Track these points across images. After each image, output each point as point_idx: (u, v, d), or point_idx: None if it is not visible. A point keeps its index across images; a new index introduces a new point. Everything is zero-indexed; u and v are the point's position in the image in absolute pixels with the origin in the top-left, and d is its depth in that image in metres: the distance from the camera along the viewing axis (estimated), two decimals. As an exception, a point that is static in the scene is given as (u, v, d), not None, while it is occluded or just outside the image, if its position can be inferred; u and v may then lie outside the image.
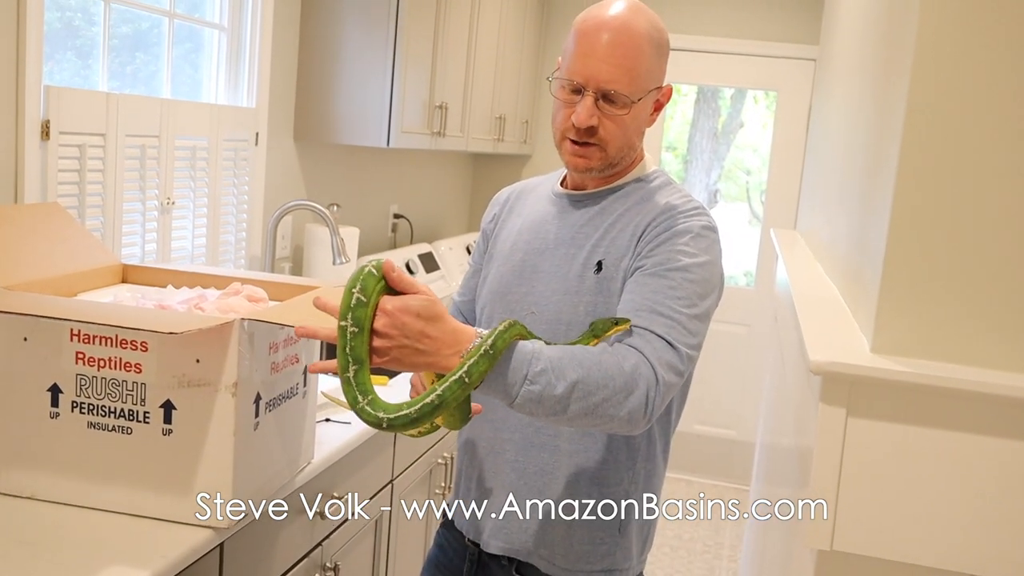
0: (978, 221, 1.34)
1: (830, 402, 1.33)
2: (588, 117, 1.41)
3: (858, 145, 1.90)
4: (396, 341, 1.19)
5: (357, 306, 1.18)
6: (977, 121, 1.33)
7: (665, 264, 1.37)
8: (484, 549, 1.56)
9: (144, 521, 1.50)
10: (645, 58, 1.41)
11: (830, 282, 2.06)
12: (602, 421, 1.25)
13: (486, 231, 1.67)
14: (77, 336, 1.49)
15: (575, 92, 1.42)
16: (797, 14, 4.56)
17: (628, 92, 1.40)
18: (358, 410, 1.18)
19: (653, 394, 1.26)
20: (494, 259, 1.60)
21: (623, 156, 1.47)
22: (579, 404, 1.23)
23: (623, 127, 1.43)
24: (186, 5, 2.54)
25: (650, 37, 1.41)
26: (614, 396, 1.23)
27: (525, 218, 1.59)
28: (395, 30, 2.94)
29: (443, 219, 4.57)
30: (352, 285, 1.19)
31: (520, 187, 1.68)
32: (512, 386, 1.22)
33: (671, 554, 3.95)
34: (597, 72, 1.39)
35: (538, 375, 1.22)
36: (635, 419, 1.25)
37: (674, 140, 4.98)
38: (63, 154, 2.01)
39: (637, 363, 1.26)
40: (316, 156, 3.18)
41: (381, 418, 1.16)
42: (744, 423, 4.81)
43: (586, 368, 1.23)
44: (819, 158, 2.95)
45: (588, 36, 1.41)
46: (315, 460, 1.84)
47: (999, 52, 1.31)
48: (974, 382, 1.28)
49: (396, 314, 1.19)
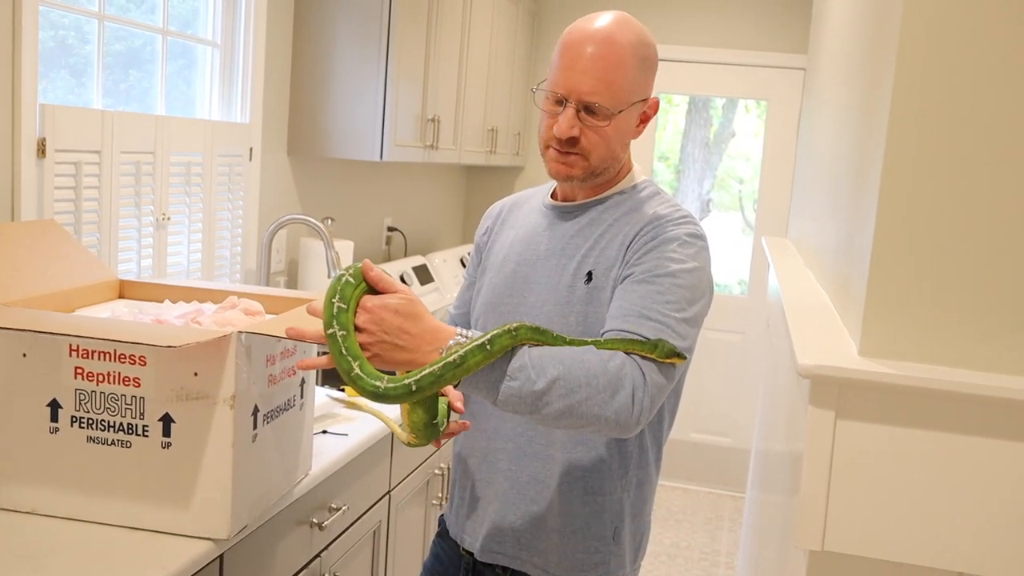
0: (961, 226, 1.37)
1: (819, 405, 1.35)
2: (569, 128, 1.43)
3: (845, 152, 1.92)
4: (376, 336, 1.23)
5: (339, 313, 1.22)
6: (959, 128, 1.35)
7: (653, 271, 1.39)
8: (478, 559, 1.57)
9: (144, 534, 1.51)
10: (628, 71, 1.43)
11: (820, 288, 2.09)
12: (589, 421, 1.26)
13: (479, 244, 1.69)
14: (76, 351, 1.50)
15: (558, 103, 1.45)
16: (786, 24, 4.60)
17: (609, 104, 1.43)
18: (370, 389, 1.21)
19: (641, 394, 1.27)
20: (487, 271, 1.62)
21: (606, 166, 1.49)
22: (561, 402, 1.24)
23: (605, 138, 1.45)
24: (179, 22, 2.56)
25: (635, 51, 1.43)
26: (597, 395, 1.25)
27: (518, 230, 1.61)
28: (387, 44, 2.97)
29: (437, 231, 4.59)
30: (332, 295, 1.23)
31: (513, 200, 1.70)
32: (495, 383, 1.25)
33: (668, 562, 3.96)
34: (578, 84, 1.42)
35: (517, 371, 1.24)
36: (623, 420, 1.26)
37: (666, 150, 5.01)
38: (59, 171, 2.03)
39: (623, 363, 1.28)
40: (310, 170, 3.20)
41: (378, 386, 1.21)
42: (739, 430, 4.83)
43: (567, 366, 1.25)
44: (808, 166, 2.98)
45: (572, 49, 1.43)
46: (313, 471, 1.85)
47: (980, 60, 1.34)
48: (960, 383, 1.30)
49: (375, 311, 1.24)
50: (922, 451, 1.33)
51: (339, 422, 2.17)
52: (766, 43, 4.63)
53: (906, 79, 1.36)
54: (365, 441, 2.09)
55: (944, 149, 1.36)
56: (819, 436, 1.36)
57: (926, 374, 1.33)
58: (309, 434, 1.83)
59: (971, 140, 1.35)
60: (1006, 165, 1.34)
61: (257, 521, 1.63)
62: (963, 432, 1.32)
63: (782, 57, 4.61)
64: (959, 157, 1.36)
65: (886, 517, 1.35)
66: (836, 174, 2.04)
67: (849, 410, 1.35)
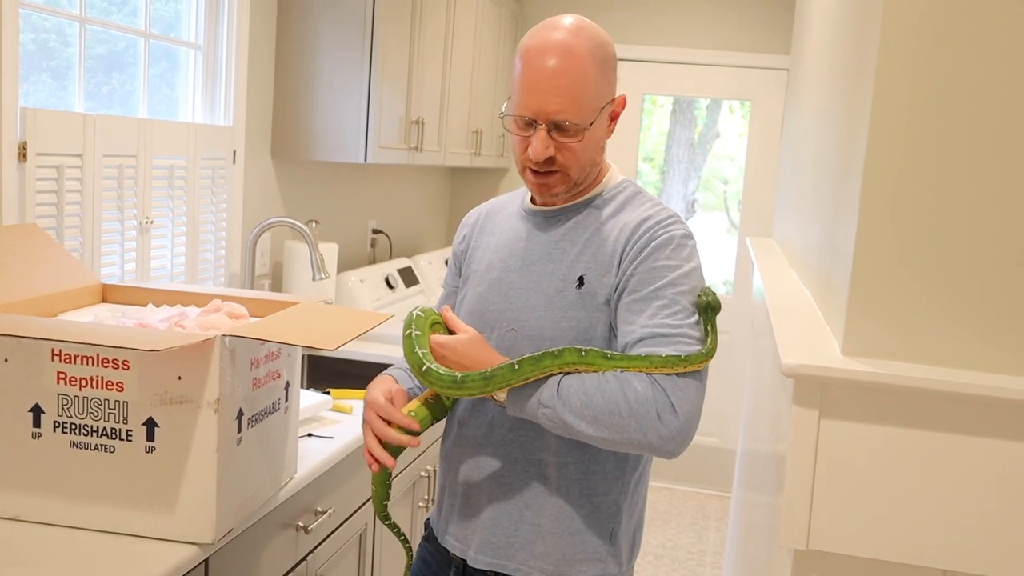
0: (943, 226, 1.38)
1: (803, 404, 1.36)
2: (544, 150, 1.43)
3: (827, 152, 1.93)
4: (448, 360, 1.46)
5: (418, 338, 1.47)
6: (940, 128, 1.36)
7: (653, 283, 1.42)
8: (473, 566, 1.56)
9: (128, 539, 1.50)
10: (591, 81, 1.42)
11: (804, 288, 2.10)
12: (628, 446, 1.36)
13: (457, 253, 1.68)
14: (58, 356, 1.49)
15: (528, 126, 1.45)
16: (770, 25, 4.62)
17: (578, 120, 1.42)
18: (447, 377, 1.41)
19: (664, 412, 1.34)
20: (470, 279, 1.61)
21: (587, 175, 1.51)
22: (592, 429, 1.35)
23: (581, 150, 1.46)
24: (161, 25, 2.56)
25: (593, 57, 1.42)
26: (624, 422, 1.34)
27: (498, 237, 1.61)
28: (371, 46, 2.97)
29: (422, 233, 4.59)
30: (408, 324, 1.48)
31: (488, 206, 1.70)
32: (533, 408, 1.39)
33: (655, 562, 3.97)
34: (545, 105, 1.41)
35: (548, 399, 1.37)
36: (663, 441, 1.34)
37: (651, 151, 5.02)
38: (40, 175, 2.02)
39: (646, 389, 1.34)
40: (294, 173, 3.20)
41: (456, 375, 1.40)
42: (726, 430, 4.84)
43: (590, 395, 1.35)
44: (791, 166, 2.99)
45: (532, 67, 1.42)
46: (298, 475, 1.85)
47: (960, 59, 1.35)
48: (942, 382, 1.31)
49: (447, 343, 1.46)
50: (905, 450, 1.34)
51: (324, 425, 2.17)
52: (750, 44, 4.65)
53: (887, 78, 1.37)
54: (351, 444, 2.08)
55: (925, 150, 1.37)
56: (803, 435, 1.37)
57: (908, 373, 1.33)
58: (294, 437, 1.82)
59: (952, 140, 1.36)
60: (987, 165, 1.35)
61: (242, 525, 1.62)
62: (946, 430, 1.33)
63: (766, 58, 4.63)
64: (940, 157, 1.37)
65: (870, 515, 1.36)
66: (819, 174, 2.05)
67: (832, 409, 1.36)
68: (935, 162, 1.37)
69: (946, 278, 1.38)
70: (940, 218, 1.38)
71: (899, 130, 1.38)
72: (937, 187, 1.37)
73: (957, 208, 1.37)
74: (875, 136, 1.39)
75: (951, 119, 1.36)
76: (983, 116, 1.35)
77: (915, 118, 1.37)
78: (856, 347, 1.41)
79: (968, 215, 1.37)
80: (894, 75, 1.37)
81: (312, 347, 1.47)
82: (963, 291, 1.38)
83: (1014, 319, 1.36)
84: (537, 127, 1.43)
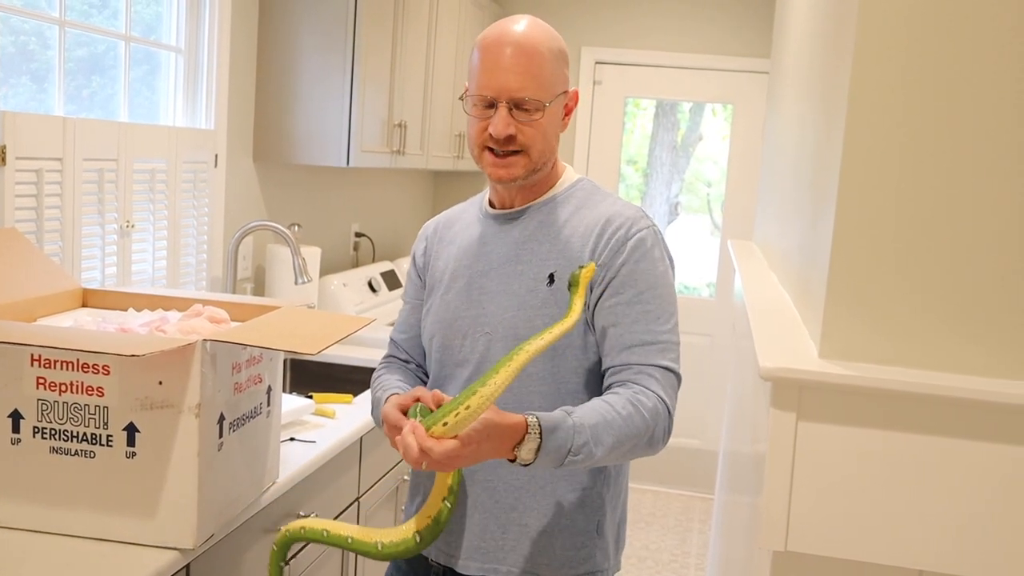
0: (919, 228, 1.39)
1: (780, 407, 1.37)
2: (505, 127, 1.46)
3: (806, 155, 1.95)
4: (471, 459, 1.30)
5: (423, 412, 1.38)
6: (916, 131, 1.38)
7: (633, 286, 1.47)
8: (462, 572, 1.55)
9: (109, 545, 1.50)
10: (548, 64, 1.48)
11: (783, 291, 2.11)
12: (628, 459, 1.46)
13: (419, 265, 1.68)
14: (38, 361, 1.49)
15: (488, 107, 1.48)
16: (751, 28, 4.64)
17: (539, 96, 1.47)
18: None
19: (666, 423, 1.44)
20: (436, 289, 1.61)
21: (545, 160, 1.53)
22: (613, 456, 1.38)
23: (541, 130, 1.49)
24: (142, 28, 2.55)
25: (549, 46, 1.49)
26: (640, 442, 1.40)
27: (459, 244, 1.61)
28: (352, 49, 2.97)
29: (405, 237, 4.59)
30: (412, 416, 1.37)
31: (445, 217, 1.70)
32: (558, 460, 1.32)
33: (639, 564, 3.98)
34: (506, 83, 1.46)
35: (581, 447, 1.33)
36: (657, 449, 1.45)
37: (634, 154, 5.04)
38: (20, 179, 2.01)
39: (655, 406, 1.42)
40: (276, 176, 3.19)
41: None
42: (708, 432, 4.86)
43: (617, 429, 1.37)
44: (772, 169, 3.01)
45: (491, 51, 1.48)
46: (280, 479, 1.85)
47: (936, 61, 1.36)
48: (918, 384, 1.33)
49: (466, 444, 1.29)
50: (882, 451, 1.36)
51: (307, 429, 2.16)
52: (732, 47, 4.67)
53: (862, 81, 1.39)
54: (333, 448, 2.08)
55: (901, 152, 1.39)
56: (781, 438, 1.38)
57: (885, 375, 1.35)
58: (276, 441, 1.82)
59: (928, 142, 1.38)
60: (962, 167, 1.37)
61: (224, 530, 1.62)
62: (922, 432, 1.34)
63: (747, 61, 4.65)
64: (916, 160, 1.38)
65: (848, 517, 1.37)
66: (798, 177, 2.06)
67: (810, 412, 1.37)
68: (911, 164, 1.38)
69: (922, 280, 1.40)
70: (916, 221, 1.39)
71: (875, 132, 1.39)
72: (913, 190, 1.39)
73: (933, 210, 1.39)
74: (851, 138, 1.40)
75: (927, 120, 1.37)
76: (958, 117, 1.36)
77: (891, 120, 1.38)
78: (833, 350, 1.43)
79: (944, 217, 1.38)
80: (869, 77, 1.38)
81: (294, 351, 1.47)
82: (939, 293, 1.39)
83: (989, 321, 1.38)
84: (498, 106, 1.47)
